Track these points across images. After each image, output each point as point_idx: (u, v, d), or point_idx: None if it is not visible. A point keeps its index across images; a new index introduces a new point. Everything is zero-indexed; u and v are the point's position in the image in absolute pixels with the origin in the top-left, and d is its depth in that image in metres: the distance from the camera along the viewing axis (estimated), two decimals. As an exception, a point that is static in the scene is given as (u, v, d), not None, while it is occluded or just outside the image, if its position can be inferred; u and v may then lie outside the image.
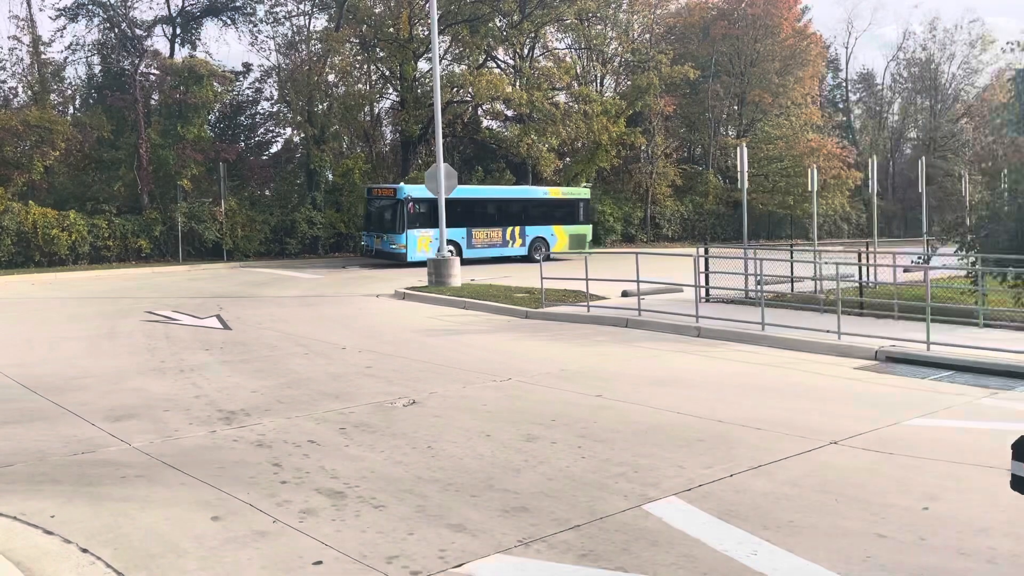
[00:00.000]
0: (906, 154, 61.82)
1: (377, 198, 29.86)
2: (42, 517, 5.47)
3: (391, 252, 28.40)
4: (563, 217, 33.00)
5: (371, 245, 29.62)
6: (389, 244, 28.45)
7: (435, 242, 27.10)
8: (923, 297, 12.48)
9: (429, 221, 27.81)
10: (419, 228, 28.25)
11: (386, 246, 28.59)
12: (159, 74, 33.43)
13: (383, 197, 29.45)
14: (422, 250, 27.92)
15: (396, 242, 28.20)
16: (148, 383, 9.91)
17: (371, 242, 29.61)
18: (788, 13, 48.33)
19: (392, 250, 28.35)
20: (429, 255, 27.09)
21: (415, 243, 28.24)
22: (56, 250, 27.53)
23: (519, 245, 31.38)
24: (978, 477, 6.28)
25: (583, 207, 33.88)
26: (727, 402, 8.75)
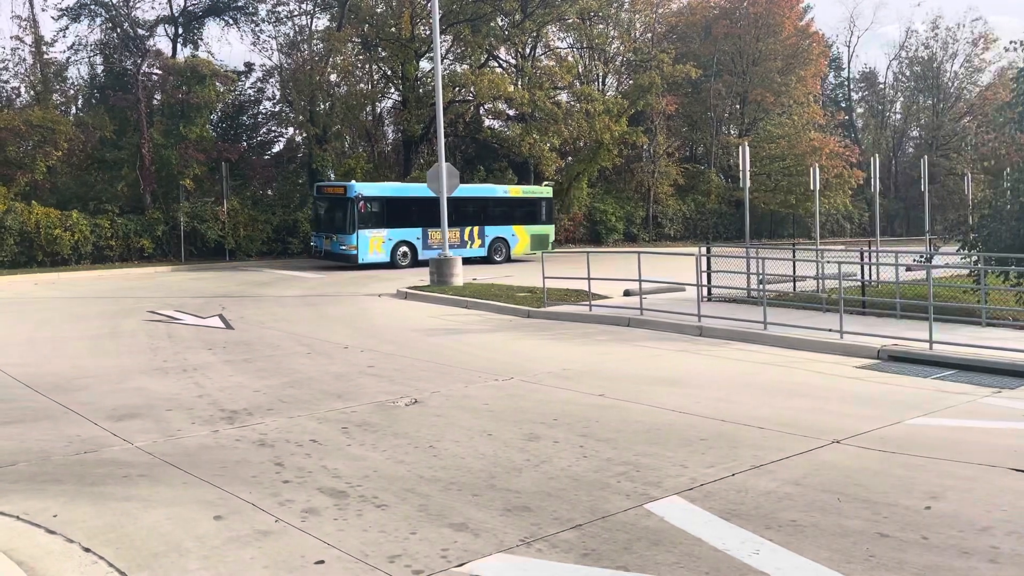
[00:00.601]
0: (908, 153, 61.76)
1: (326, 197, 28.61)
2: (45, 516, 5.48)
3: (341, 253, 27.16)
4: (524, 217, 31.74)
5: (320, 246, 28.36)
6: (339, 245, 27.11)
7: (388, 242, 27.32)
8: (925, 296, 12.47)
9: (381, 221, 27.41)
10: (371, 228, 27.17)
11: (336, 247, 27.32)
12: (161, 74, 33.45)
13: (332, 196, 28.15)
14: (374, 251, 27.14)
15: (347, 243, 26.84)
16: (151, 383, 9.92)
17: (320, 243, 28.35)
18: (790, 12, 48.30)
19: (342, 251, 27.07)
20: (382, 257, 27.16)
21: (367, 244, 27.03)
22: (59, 250, 27.55)
23: (478, 246, 30.06)
24: (981, 476, 6.27)
25: (545, 206, 32.72)
26: (729, 401, 8.74)
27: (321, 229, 28.57)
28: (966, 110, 59.07)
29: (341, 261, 27.38)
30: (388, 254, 27.49)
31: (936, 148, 56.11)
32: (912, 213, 54.87)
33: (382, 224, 27.38)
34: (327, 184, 29.68)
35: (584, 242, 40.07)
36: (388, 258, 27.50)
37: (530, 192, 32.92)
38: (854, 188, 46.48)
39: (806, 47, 49.29)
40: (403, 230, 27.93)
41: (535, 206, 32.43)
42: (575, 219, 40.48)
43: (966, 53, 59.11)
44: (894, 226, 55.90)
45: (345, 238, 26.95)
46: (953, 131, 58.00)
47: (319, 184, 29.96)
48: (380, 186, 28.65)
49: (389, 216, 27.62)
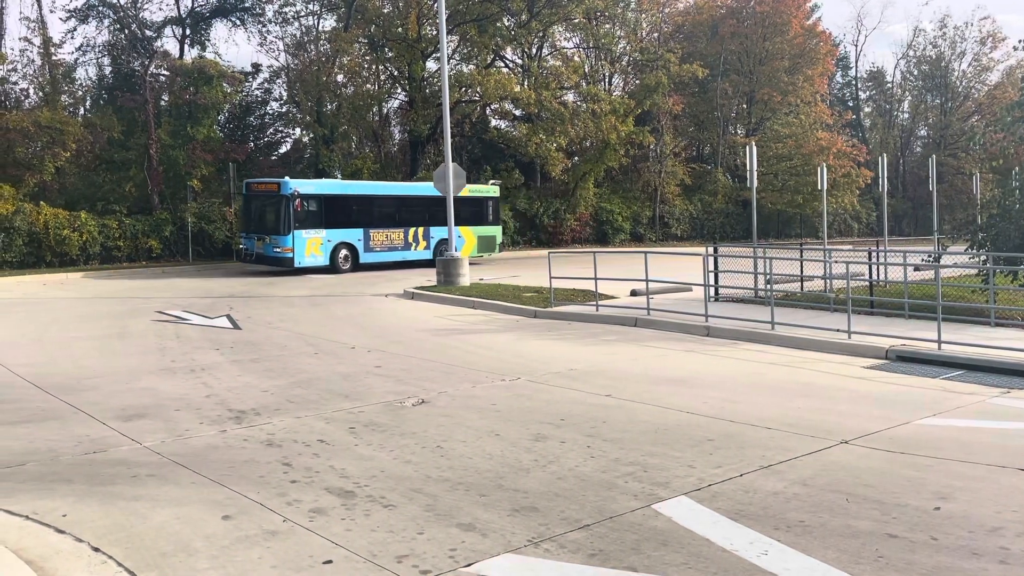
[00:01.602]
0: (916, 152, 61.57)
1: (258, 195, 26.32)
2: (54, 516, 5.50)
3: (275, 257, 25.16)
4: (470, 217, 29.83)
5: (251, 249, 25.91)
6: (273, 248, 25.06)
7: (327, 244, 25.74)
8: (934, 296, 12.42)
9: (320, 221, 25.70)
10: (308, 229, 25.26)
11: (269, 250, 25.20)
12: (169, 75, 33.57)
13: (265, 193, 25.93)
14: (312, 254, 25.42)
15: (281, 245, 24.86)
16: (159, 383, 9.95)
17: (251, 245, 25.90)
18: (797, 11, 48.19)
19: (276, 254, 25.06)
20: (320, 260, 25.61)
21: (303, 246, 25.18)
22: (67, 250, 27.67)
23: (423, 248, 28.51)
24: (990, 477, 6.24)
25: (492, 206, 31.30)
26: (737, 401, 8.72)
27: (252, 230, 26.23)
28: (974, 109, 58.87)
29: (274, 265, 25.47)
30: (327, 257, 25.94)
31: (944, 147, 55.93)
32: (920, 212, 54.71)
33: (320, 224, 25.64)
34: (258, 181, 27.26)
35: (591, 242, 40.07)
36: (327, 261, 26.00)
37: (476, 191, 30.69)
38: (861, 188, 46.38)
39: (813, 46, 49.17)
40: (343, 231, 26.34)
41: (482, 206, 30.84)
42: (582, 219, 40.48)
43: (974, 52, 58.94)
44: (902, 226, 55.75)
45: (280, 240, 24.90)
46: (961, 130, 57.79)
47: (249, 181, 27.41)
48: (318, 183, 27.04)
49: (328, 216, 25.94)
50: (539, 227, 39.20)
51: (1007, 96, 46.45)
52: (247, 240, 26.28)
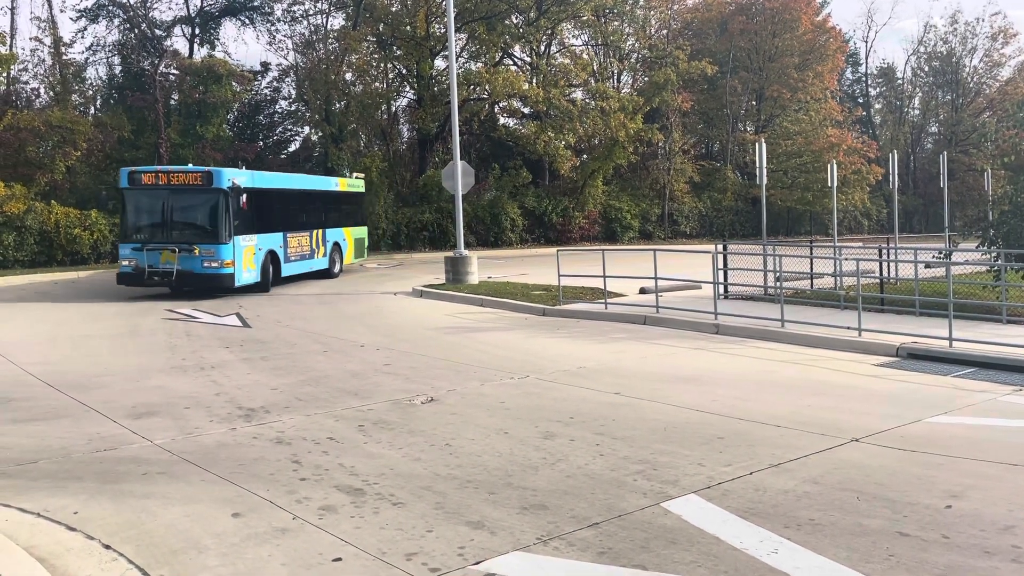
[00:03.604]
0: (927, 149, 61.20)
1: (169, 190, 18.70)
2: (65, 514, 5.53)
3: (208, 274, 18.33)
4: (345, 217, 25.40)
5: (155, 265, 18.36)
6: (202, 262, 18.24)
7: (259, 253, 19.65)
8: (945, 293, 12.36)
9: (252, 223, 19.46)
10: (243, 234, 18.96)
11: (197, 265, 18.26)
12: (178, 74, 33.71)
13: (184, 188, 18.71)
14: (248, 267, 19.19)
15: (219, 257, 18.26)
16: (169, 381, 9.99)
17: (154, 261, 18.38)
18: (807, 7, 47.93)
19: (210, 270, 18.30)
20: (253, 274, 19.42)
21: (242, 256, 18.84)
22: (78, 249, 27.79)
23: (321, 255, 23.41)
24: (1002, 475, 6.20)
25: (361, 204, 27.39)
26: (746, 399, 8.70)
27: (155, 239, 18.59)
28: (985, 105, 58.45)
29: (204, 286, 18.71)
30: (259, 270, 19.77)
31: (955, 144, 55.56)
32: (931, 209, 54.38)
33: (252, 228, 19.42)
34: (171, 170, 19.45)
35: (599, 240, 39.99)
36: (259, 276, 19.74)
37: (351, 186, 26.48)
38: (872, 184, 46.14)
39: (823, 42, 48.90)
40: (269, 236, 20.42)
41: (357, 204, 26.72)
42: (590, 217, 40.42)
43: (985, 48, 58.46)
44: (913, 223, 55.43)
45: (216, 250, 18.27)
46: (972, 126, 57.34)
47: (140, 169, 19.61)
48: (251, 173, 20.61)
49: (259, 217, 19.83)
50: (547, 225, 39.16)
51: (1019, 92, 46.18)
52: (143, 254, 18.42)
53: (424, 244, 35.35)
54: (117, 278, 19.29)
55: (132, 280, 18.91)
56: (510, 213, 37.34)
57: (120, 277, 19.22)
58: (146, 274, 18.52)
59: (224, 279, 18.61)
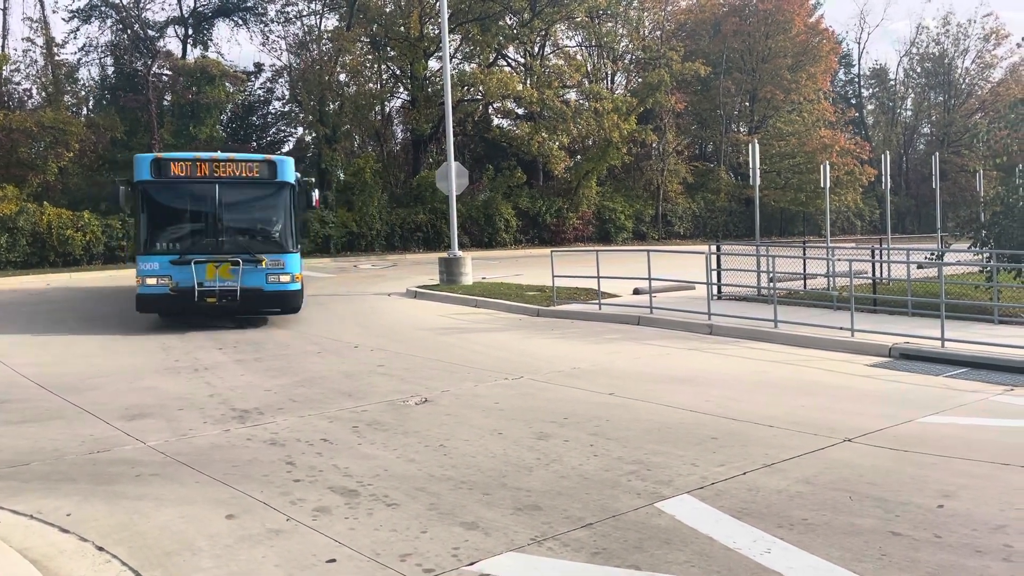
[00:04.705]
0: (919, 150, 61.46)
1: (216, 183, 14.22)
2: (58, 515, 5.52)
3: (276, 292, 14.32)
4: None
5: (205, 283, 13.83)
6: (267, 276, 14.20)
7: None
8: (937, 293, 12.40)
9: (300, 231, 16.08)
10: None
11: (261, 281, 14.15)
12: (171, 75, 33.63)
13: (238, 181, 14.40)
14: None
15: (288, 270, 14.40)
16: (162, 382, 9.97)
17: (202, 276, 13.84)
18: (800, 9, 48.10)
19: (277, 288, 14.31)
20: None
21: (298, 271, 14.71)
22: (71, 250, 27.69)
23: None
24: (994, 474, 6.23)
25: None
26: (740, 400, 8.72)
27: (201, 249, 14.11)
28: (978, 106, 58.71)
29: (269, 307, 14.74)
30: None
31: (947, 145, 55.81)
32: (923, 210, 54.61)
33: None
34: (218, 158, 14.53)
35: (593, 241, 40.03)
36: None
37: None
38: (865, 185, 46.28)
39: (816, 44, 49.08)
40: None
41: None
42: (584, 217, 40.46)
43: (977, 49, 58.79)
44: (905, 223, 55.63)
45: (285, 262, 14.39)
46: (965, 127, 57.60)
47: (189, 157, 14.57)
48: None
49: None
50: (541, 226, 39.18)
51: (1011, 93, 46.36)
52: (188, 269, 13.74)
53: (418, 245, 35.33)
54: (138, 303, 13.98)
55: (167, 305, 13.86)
56: (504, 214, 37.34)
57: (145, 301, 13.88)
58: (195, 295, 13.62)
59: (292, 299, 14.56)
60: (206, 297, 13.79)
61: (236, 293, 13.90)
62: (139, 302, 14.04)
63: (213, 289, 13.85)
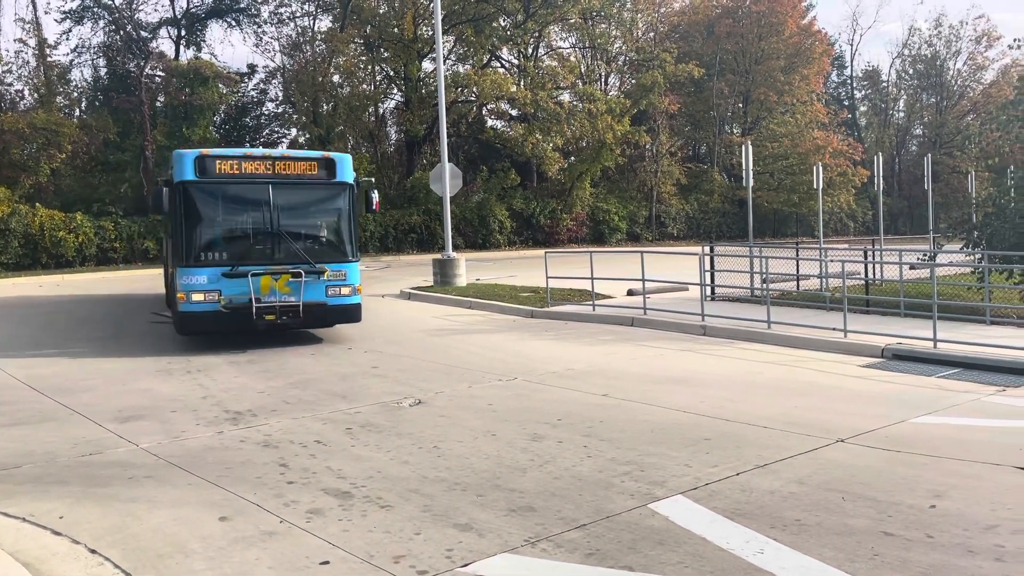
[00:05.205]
0: (912, 151, 61.68)
1: (271, 183, 12.61)
2: (51, 518, 5.50)
3: (339, 307, 12.88)
4: None
5: (262, 298, 12.19)
6: (327, 289, 12.69)
7: None
8: (929, 294, 12.44)
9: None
10: None
11: (321, 294, 12.65)
12: (164, 76, 33.54)
13: (294, 181, 12.85)
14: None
15: (350, 281, 12.98)
16: (155, 384, 9.94)
17: (254, 289, 12.13)
18: (792, 10, 48.23)
19: (340, 301, 12.86)
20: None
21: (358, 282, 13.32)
22: (63, 252, 27.61)
23: None
24: (985, 475, 6.26)
25: None
26: (733, 401, 8.74)
27: (256, 258, 12.48)
28: (969, 108, 58.96)
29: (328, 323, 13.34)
30: None
31: (939, 146, 56.03)
32: (916, 211, 54.80)
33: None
34: (271, 155, 13.03)
35: (587, 242, 40.06)
36: None
37: None
38: (857, 186, 46.44)
39: (809, 45, 49.21)
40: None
41: None
42: (578, 219, 40.49)
43: (969, 51, 59.02)
44: (898, 224, 55.82)
45: (347, 272, 13.00)
46: (957, 129, 57.87)
47: (239, 154, 13.04)
48: None
49: None
50: (535, 227, 39.20)
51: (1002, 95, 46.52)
52: (243, 283, 12.15)
53: (412, 246, 35.29)
54: (181, 323, 12.28)
55: (219, 324, 12.16)
56: (498, 215, 37.34)
57: (190, 321, 12.15)
58: (254, 312, 12.04)
59: (355, 314, 13.14)
60: (264, 314, 12.15)
61: (298, 309, 12.29)
62: (182, 322, 12.27)
63: (272, 305, 12.20)
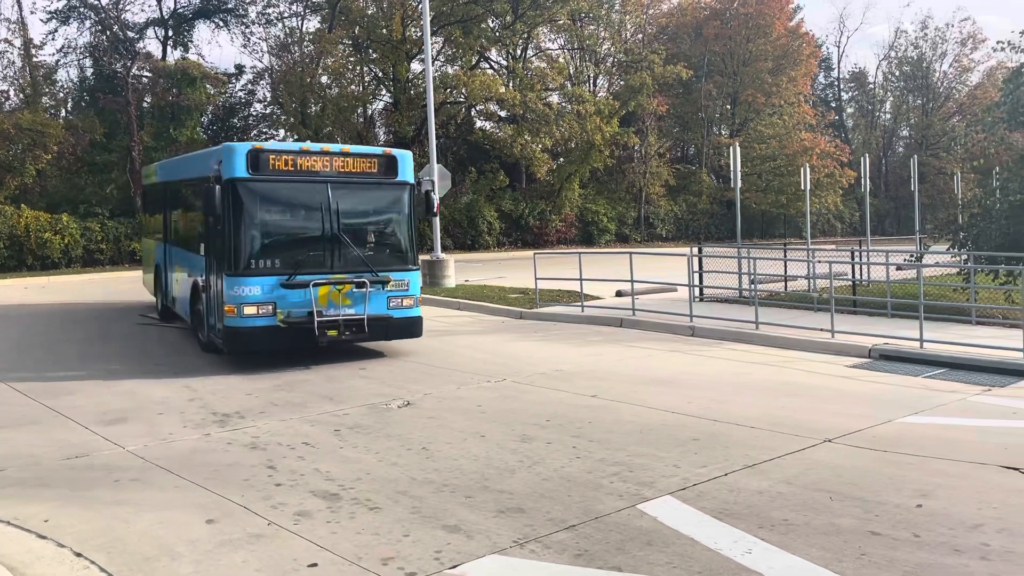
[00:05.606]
0: (898, 152, 62.09)
1: (330, 181, 11.25)
2: (35, 522, 5.45)
3: (402, 320, 11.57)
4: None
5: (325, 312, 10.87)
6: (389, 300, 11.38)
7: None
8: (916, 295, 12.51)
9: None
10: None
11: (382, 306, 11.31)
12: (151, 76, 33.39)
13: (353, 180, 11.52)
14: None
15: (411, 292, 11.73)
16: (141, 386, 9.88)
17: (310, 299, 10.75)
18: (780, 12, 48.49)
19: (402, 314, 11.57)
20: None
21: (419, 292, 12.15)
22: (49, 253, 27.43)
23: None
24: (971, 474, 6.30)
25: None
26: (721, 401, 8.76)
27: (315, 266, 11.10)
28: (955, 110, 59.41)
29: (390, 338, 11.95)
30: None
31: (926, 148, 56.41)
32: (902, 212, 55.13)
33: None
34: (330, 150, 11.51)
35: (576, 243, 40.11)
36: None
37: None
38: (845, 188, 46.70)
39: (796, 47, 49.47)
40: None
41: None
42: (567, 220, 40.55)
43: (955, 53, 59.50)
44: (885, 225, 56.15)
45: (408, 282, 11.70)
46: (943, 130, 58.31)
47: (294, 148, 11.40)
48: None
49: None
50: (524, 228, 39.22)
51: (987, 97, 46.87)
52: (303, 294, 10.78)
53: (401, 247, 35.15)
54: (229, 340, 10.77)
55: (276, 341, 10.88)
56: (487, 216, 37.33)
57: (240, 338, 10.74)
58: (316, 328, 10.72)
59: (416, 327, 11.87)
60: (327, 329, 10.82)
61: (363, 323, 10.99)
62: (230, 339, 10.74)
63: (334, 319, 10.85)
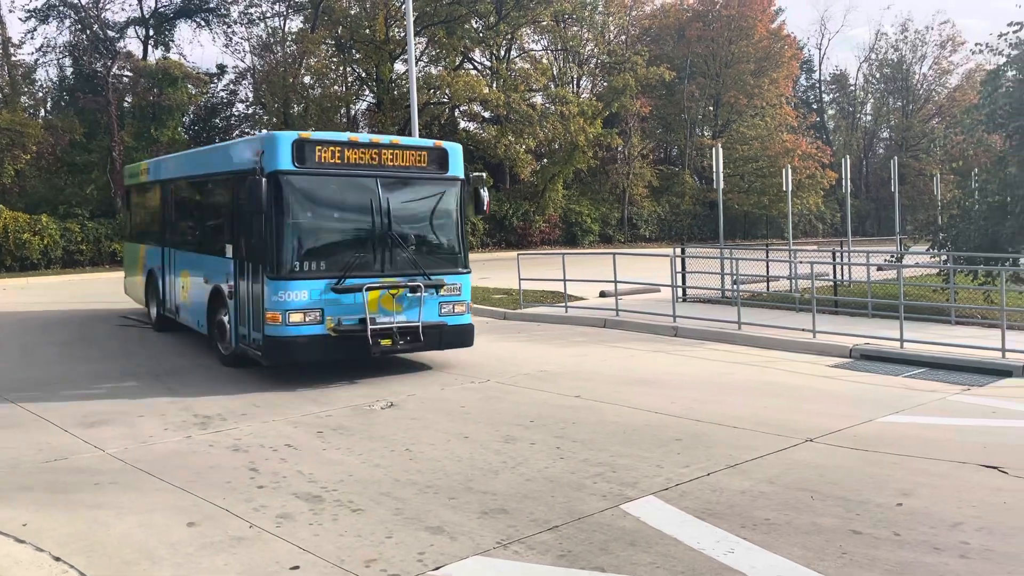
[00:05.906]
0: (879, 154, 62.62)
1: (380, 176, 10.16)
2: (14, 525, 5.39)
3: (454, 327, 10.68)
4: None
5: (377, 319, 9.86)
6: (440, 307, 10.50)
7: None
8: (896, 295, 12.62)
9: None
10: None
11: (434, 312, 10.38)
12: (132, 76, 33.13)
13: (403, 175, 10.48)
14: None
15: (463, 298, 10.92)
16: (122, 388, 9.79)
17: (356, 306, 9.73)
18: (762, 15, 48.80)
19: (454, 320, 10.68)
20: None
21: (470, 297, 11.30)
22: (28, 255, 27.15)
23: None
24: (951, 473, 6.35)
25: None
26: (704, 401, 8.79)
27: (364, 268, 9.95)
28: (935, 112, 60.00)
29: (441, 346, 10.84)
30: None
31: (906, 149, 56.94)
32: (883, 213, 55.61)
33: None
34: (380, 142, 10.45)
35: (560, 244, 40.16)
36: None
37: None
38: (826, 189, 47.05)
39: (778, 49, 49.81)
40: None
41: None
42: (551, 221, 40.59)
43: (934, 55, 60.11)
44: (865, 226, 56.61)
45: (460, 285, 10.91)
46: (922, 132, 58.89)
47: (342, 139, 10.27)
48: None
49: None
50: (508, 229, 39.23)
51: (966, 99, 47.37)
52: (354, 299, 9.78)
53: (384, 248, 35.07)
54: (270, 350, 9.70)
55: (325, 352, 9.88)
56: (471, 217, 37.25)
57: (285, 348, 9.67)
58: (370, 337, 9.72)
59: (469, 335, 11.02)
60: (380, 338, 9.81)
61: (418, 331, 10.03)
62: (273, 350, 9.68)
63: (388, 327, 9.87)
